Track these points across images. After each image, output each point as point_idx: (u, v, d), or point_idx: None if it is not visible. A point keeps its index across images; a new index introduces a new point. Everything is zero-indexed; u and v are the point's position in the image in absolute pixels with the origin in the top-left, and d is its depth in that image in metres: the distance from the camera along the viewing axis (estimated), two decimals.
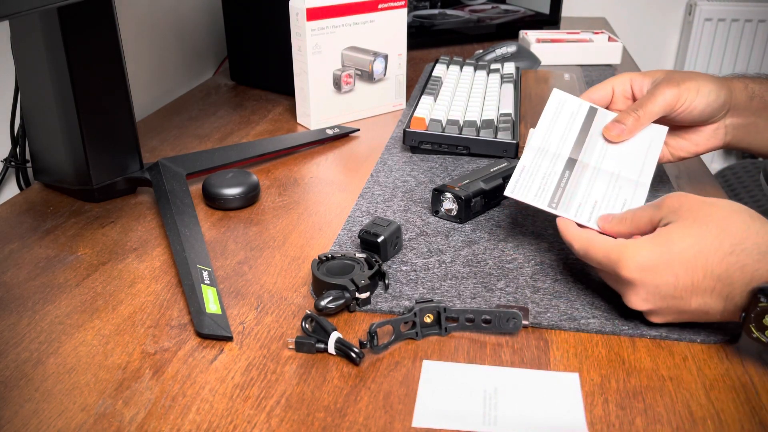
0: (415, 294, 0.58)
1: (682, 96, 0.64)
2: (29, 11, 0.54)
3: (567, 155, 0.63)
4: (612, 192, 0.61)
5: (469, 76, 1.04)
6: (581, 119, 0.66)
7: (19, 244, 0.68)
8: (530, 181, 0.62)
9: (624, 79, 0.68)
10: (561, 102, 0.67)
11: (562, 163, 0.63)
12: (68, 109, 0.71)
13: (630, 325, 0.54)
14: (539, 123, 0.65)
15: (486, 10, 1.56)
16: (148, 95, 1.11)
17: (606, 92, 0.68)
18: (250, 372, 0.50)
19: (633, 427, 0.45)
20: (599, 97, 0.68)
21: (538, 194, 0.61)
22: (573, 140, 0.65)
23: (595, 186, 0.61)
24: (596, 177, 0.62)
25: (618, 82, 0.68)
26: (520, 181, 0.62)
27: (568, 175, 0.62)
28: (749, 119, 0.68)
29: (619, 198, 0.61)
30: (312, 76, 0.93)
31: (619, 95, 0.68)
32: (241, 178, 0.75)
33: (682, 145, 0.70)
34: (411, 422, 0.45)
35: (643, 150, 0.64)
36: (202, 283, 0.58)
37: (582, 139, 0.65)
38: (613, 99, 0.68)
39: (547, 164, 0.63)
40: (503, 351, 0.52)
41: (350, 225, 0.70)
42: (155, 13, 1.11)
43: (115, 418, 0.46)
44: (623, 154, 0.64)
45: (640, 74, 0.68)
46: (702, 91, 0.64)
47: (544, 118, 0.66)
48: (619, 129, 0.64)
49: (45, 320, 0.56)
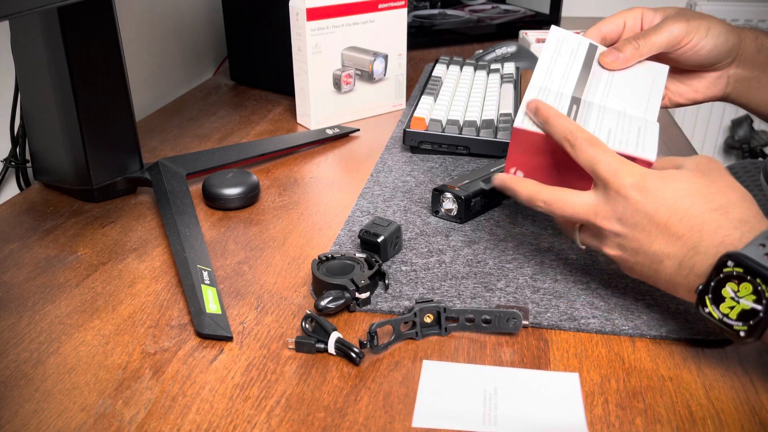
0: (415, 294, 0.58)
1: (690, 33, 0.62)
2: (29, 11, 0.54)
3: (570, 94, 0.61)
4: (623, 123, 0.58)
5: (469, 76, 1.04)
6: (582, 57, 0.63)
7: (19, 244, 0.68)
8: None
9: (636, 13, 0.65)
10: (560, 39, 0.64)
11: (567, 101, 0.60)
12: (68, 109, 0.71)
13: (630, 325, 0.54)
14: (539, 62, 0.62)
15: (486, 10, 1.56)
16: (148, 95, 1.11)
17: (617, 25, 0.65)
18: (250, 372, 0.50)
19: (633, 427, 0.45)
20: (609, 30, 0.65)
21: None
22: (575, 79, 0.62)
23: (604, 120, 0.59)
24: (603, 114, 0.59)
25: (630, 16, 0.65)
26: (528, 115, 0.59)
27: (575, 109, 0.59)
28: (753, 73, 0.67)
29: (632, 128, 0.58)
30: (312, 76, 0.93)
31: (630, 29, 0.65)
32: (241, 178, 0.75)
33: (681, 91, 0.69)
34: (411, 422, 0.45)
35: (646, 88, 0.62)
36: (202, 283, 0.58)
37: (584, 78, 0.62)
38: (624, 33, 0.65)
39: (552, 102, 0.59)
40: (503, 351, 0.52)
41: (350, 225, 0.70)
42: (155, 13, 1.11)
43: (115, 418, 0.46)
44: (627, 93, 0.61)
45: (652, 9, 0.65)
46: (712, 31, 0.63)
47: (543, 56, 0.63)
48: (614, 56, 0.62)
49: (45, 320, 0.56)
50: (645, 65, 0.64)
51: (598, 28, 0.65)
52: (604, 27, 0.65)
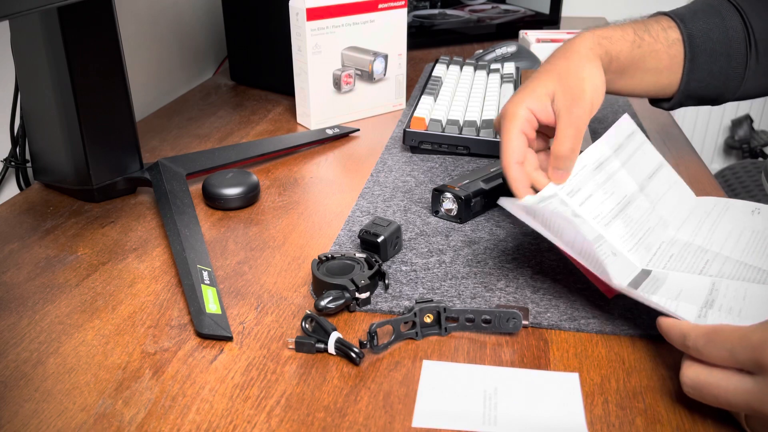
0: (415, 294, 0.58)
1: (593, 107, 0.63)
2: (29, 11, 0.54)
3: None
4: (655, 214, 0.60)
5: (469, 76, 1.04)
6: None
7: (19, 244, 0.68)
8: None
9: (526, 118, 0.62)
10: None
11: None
12: (68, 109, 0.71)
13: (630, 325, 0.54)
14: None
15: (486, 10, 1.56)
16: (148, 95, 1.11)
17: (522, 145, 0.63)
18: (250, 372, 0.50)
19: (633, 427, 0.45)
20: (519, 154, 0.62)
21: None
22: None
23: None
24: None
25: (526, 125, 0.63)
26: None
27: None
28: (622, 72, 0.70)
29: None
30: (312, 76, 0.93)
31: (535, 132, 0.64)
32: (241, 178, 0.75)
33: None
34: (411, 422, 0.45)
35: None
36: (202, 283, 0.58)
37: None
38: (532, 140, 0.64)
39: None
40: (503, 351, 0.52)
41: (350, 225, 0.70)
42: (155, 12, 1.11)
43: (115, 418, 0.46)
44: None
45: (535, 99, 0.63)
46: (596, 92, 0.63)
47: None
48: (560, 175, 0.61)
49: (45, 320, 0.56)
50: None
51: (508, 163, 0.62)
52: (512, 157, 0.62)
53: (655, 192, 0.64)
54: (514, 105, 0.63)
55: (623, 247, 0.58)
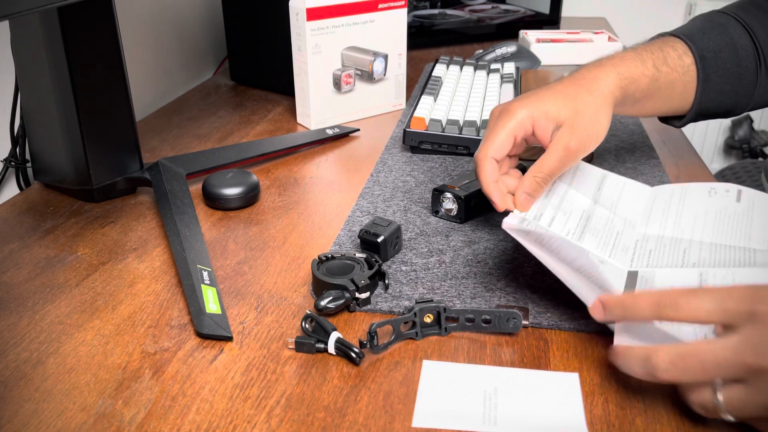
0: (415, 294, 0.58)
1: (580, 146, 0.60)
2: (29, 11, 0.54)
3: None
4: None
5: (469, 76, 1.05)
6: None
7: (19, 244, 0.68)
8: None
9: (523, 123, 0.61)
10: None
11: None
12: (68, 109, 0.71)
13: None
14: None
15: (486, 10, 1.56)
16: (148, 95, 1.11)
17: (507, 145, 0.61)
18: (250, 372, 0.50)
19: (633, 427, 0.45)
20: (497, 152, 0.61)
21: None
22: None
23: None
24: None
25: (520, 130, 0.61)
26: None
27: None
28: (636, 103, 0.69)
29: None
30: (312, 76, 0.93)
31: (520, 142, 0.62)
32: (241, 178, 0.75)
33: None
34: (411, 422, 0.45)
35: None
36: (202, 283, 0.58)
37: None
38: (513, 148, 0.62)
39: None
40: (503, 351, 0.52)
41: (350, 225, 0.70)
42: (155, 13, 1.11)
43: (115, 418, 0.46)
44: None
45: (542, 115, 0.60)
46: (600, 127, 0.62)
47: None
48: (527, 201, 0.60)
49: (45, 320, 0.56)
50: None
51: (485, 152, 0.61)
52: (492, 150, 0.61)
53: (609, 200, 0.65)
54: (519, 106, 0.61)
55: (603, 254, 0.58)
